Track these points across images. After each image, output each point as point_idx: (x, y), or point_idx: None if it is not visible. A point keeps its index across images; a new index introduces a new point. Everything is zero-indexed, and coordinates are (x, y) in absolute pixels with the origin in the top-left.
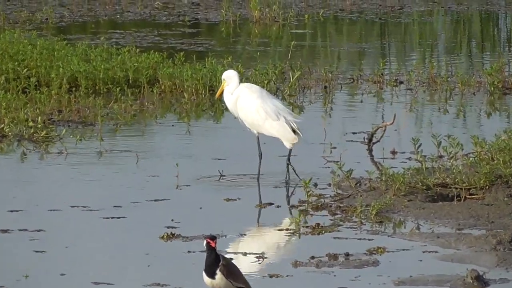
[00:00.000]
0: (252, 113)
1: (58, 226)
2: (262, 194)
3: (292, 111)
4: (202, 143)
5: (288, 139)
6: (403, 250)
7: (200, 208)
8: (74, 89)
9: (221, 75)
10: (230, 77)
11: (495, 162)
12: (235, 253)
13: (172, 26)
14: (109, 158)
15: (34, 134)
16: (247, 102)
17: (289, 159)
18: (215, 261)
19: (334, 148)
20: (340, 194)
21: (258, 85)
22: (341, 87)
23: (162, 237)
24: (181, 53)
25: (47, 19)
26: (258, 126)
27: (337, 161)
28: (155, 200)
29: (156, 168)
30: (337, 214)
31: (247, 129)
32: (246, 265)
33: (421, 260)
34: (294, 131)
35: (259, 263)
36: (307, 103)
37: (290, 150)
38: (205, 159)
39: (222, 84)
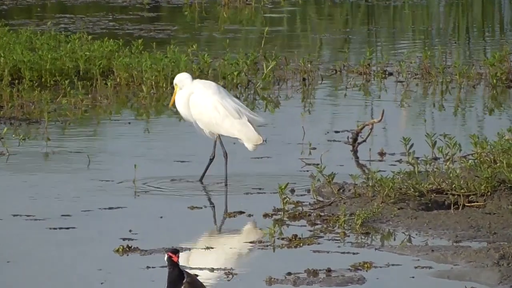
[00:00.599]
0: (209, 110)
1: None
2: (231, 201)
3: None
4: (163, 143)
5: (251, 140)
6: (393, 265)
7: (161, 217)
8: (17, 81)
9: (184, 66)
10: (182, 80)
11: (498, 165)
12: (200, 268)
13: (129, 10)
14: (56, 161)
15: None
16: (202, 99)
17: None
18: (178, 278)
19: (314, 149)
20: (320, 202)
21: (227, 77)
22: (322, 80)
23: (117, 250)
24: (139, 41)
25: None
26: (216, 125)
27: (317, 164)
28: (110, 208)
29: (110, 172)
30: (317, 224)
31: (203, 134)
32: (213, 283)
33: (413, 277)
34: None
35: (228, 280)
36: (283, 98)
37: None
38: (166, 161)
39: (174, 90)
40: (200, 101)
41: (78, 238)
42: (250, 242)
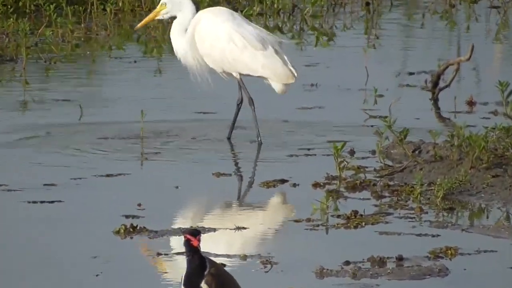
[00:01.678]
0: (222, 41)
1: None
2: (269, 166)
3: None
4: (179, 89)
5: (280, 77)
6: (485, 252)
7: (177, 187)
8: None
9: None
10: (176, 1)
11: None
12: (228, 255)
13: None
14: (38, 110)
15: None
16: (213, 27)
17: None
18: (199, 268)
19: (381, 96)
20: (389, 167)
21: (265, 1)
22: (392, 4)
23: (118, 232)
24: None
25: None
26: (233, 61)
27: (385, 116)
28: (108, 176)
29: (109, 127)
30: (385, 196)
31: (205, 79)
32: (245, 274)
33: None
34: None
35: (265, 271)
36: (340, 28)
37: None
38: (184, 113)
39: (156, 9)
40: (210, 31)
41: (65, 215)
42: (295, 221)
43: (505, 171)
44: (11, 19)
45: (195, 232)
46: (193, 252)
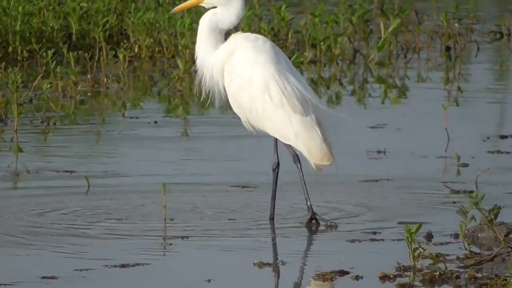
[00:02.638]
0: (255, 87)
1: None
2: (323, 250)
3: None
4: (211, 157)
5: (314, 156)
6: None
7: (209, 281)
8: None
9: (246, 26)
10: None
11: None
12: None
13: None
14: (33, 186)
15: None
16: (248, 66)
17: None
18: None
19: (465, 165)
20: (476, 254)
21: (319, 45)
22: (478, 48)
23: None
24: None
25: None
26: (262, 117)
27: (471, 191)
28: (122, 266)
29: (122, 204)
30: None
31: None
32: None
33: None
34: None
35: None
36: (414, 79)
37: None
38: (216, 185)
39: None
40: (244, 69)
41: None
42: None
43: None
44: None
45: None
46: None
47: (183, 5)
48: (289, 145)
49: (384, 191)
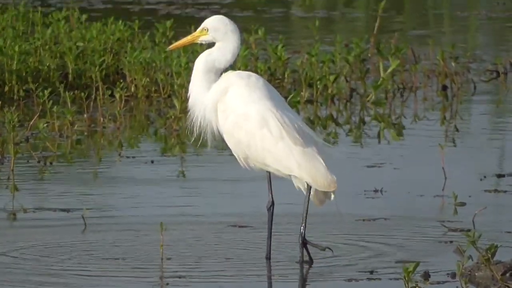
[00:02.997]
0: (252, 123)
1: None
2: None
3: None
4: (207, 195)
5: (320, 184)
6: None
7: None
8: None
9: (242, 65)
10: (218, 29)
11: None
12: None
13: None
14: (30, 222)
15: None
16: (242, 103)
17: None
18: None
19: (462, 204)
20: None
21: (316, 84)
22: (475, 87)
23: None
24: (168, 22)
25: None
26: (262, 151)
27: (468, 230)
28: None
29: (119, 243)
30: None
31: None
32: None
33: None
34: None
35: None
36: (410, 119)
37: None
38: (214, 224)
39: (196, 33)
40: (239, 106)
41: None
42: None
43: None
44: None
45: None
46: None
47: (179, 42)
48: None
49: (381, 230)
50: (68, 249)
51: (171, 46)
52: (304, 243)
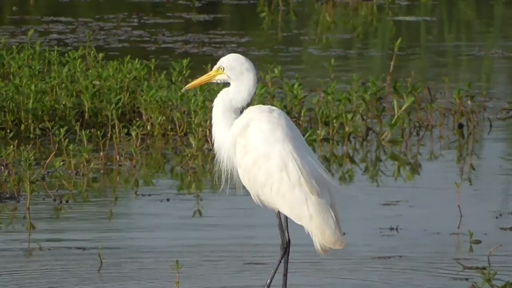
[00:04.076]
0: (272, 164)
1: None
2: None
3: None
4: (225, 233)
5: (326, 240)
6: None
7: None
8: None
9: (259, 103)
10: (234, 67)
11: None
12: None
13: (168, 10)
14: (46, 261)
15: None
16: (264, 142)
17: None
18: None
19: (478, 242)
20: None
21: (332, 122)
22: (491, 126)
23: None
24: (184, 61)
25: None
26: (276, 195)
27: (483, 268)
28: None
29: (135, 282)
30: None
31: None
32: None
33: None
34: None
35: None
36: (426, 157)
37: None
38: (231, 265)
39: (212, 73)
40: (260, 145)
41: None
42: None
43: None
44: (11, 146)
45: None
46: None
47: (195, 82)
48: (283, 230)
49: (396, 268)
50: (83, 286)
51: (187, 86)
52: None
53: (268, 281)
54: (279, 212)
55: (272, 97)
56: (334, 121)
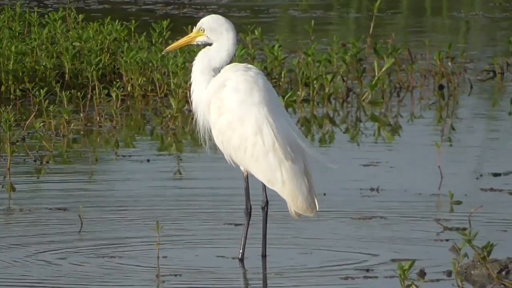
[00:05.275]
0: (246, 127)
1: None
2: None
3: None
4: (204, 194)
5: (298, 206)
6: None
7: None
8: None
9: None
10: (214, 28)
11: None
12: None
13: None
14: (26, 222)
15: None
16: (239, 103)
17: (264, 235)
18: None
19: (458, 203)
20: None
21: (313, 84)
22: (471, 87)
23: None
24: (164, 22)
25: None
26: (249, 158)
27: (464, 228)
28: None
29: (115, 241)
30: None
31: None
32: None
33: None
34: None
35: None
36: (407, 118)
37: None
38: (208, 227)
39: (192, 35)
40: (235, 107)
41: None
42: None
43: None
44: None
45: None
46: None
47: (175, 44)
48: (249, 195)
49: (377, 229)
50: (64, 247)
51: (167, 48)
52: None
53: (241, 250)
54: (247, 176)
55: (252, 58)
56: (315, 82)
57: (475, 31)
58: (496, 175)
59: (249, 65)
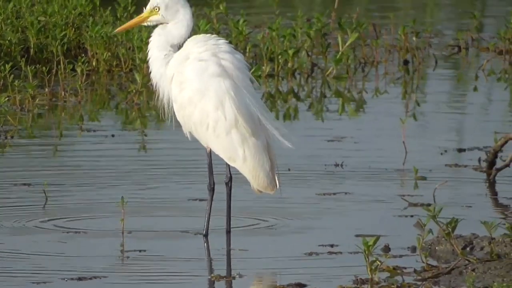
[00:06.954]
0: (207, 102)
1: None
2: (280, 266)
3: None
4: (168, 168)
5: (259, 183)
6: None
7: None
8: None
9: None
10: (170, 6)
11: None
12: None
13: None
14: None
15: None
16: (201, 77)
17: (229, 210)
18: None
19: (423, 178)
20: (433, 267)
21: (277, 59)
22: (436, 62)
23: None
24: None
25: None
26: (210, 135)
27: (428, 204)
28: (79, 279)
29: (79, 215)
30: None
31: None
32: None
33: None
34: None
35: None
36: (371, 93)
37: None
38: (175, 199)
39: (145, 14)
40: (196, 80)
41: None
42: None
43: None
44: None
45: None
46: None
47: (125, 25)
48: (212, 170)
49: (341, 204)
50: (29, 223)
51: (117, 29)
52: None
53: (205, 226)
54: (210, 151)
55: (217, 33)
56: (279, 57)
57: (440, 6)
58: (460, 150)
59: (210, 35)
